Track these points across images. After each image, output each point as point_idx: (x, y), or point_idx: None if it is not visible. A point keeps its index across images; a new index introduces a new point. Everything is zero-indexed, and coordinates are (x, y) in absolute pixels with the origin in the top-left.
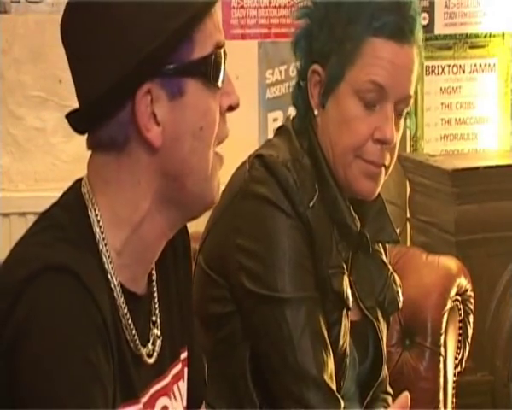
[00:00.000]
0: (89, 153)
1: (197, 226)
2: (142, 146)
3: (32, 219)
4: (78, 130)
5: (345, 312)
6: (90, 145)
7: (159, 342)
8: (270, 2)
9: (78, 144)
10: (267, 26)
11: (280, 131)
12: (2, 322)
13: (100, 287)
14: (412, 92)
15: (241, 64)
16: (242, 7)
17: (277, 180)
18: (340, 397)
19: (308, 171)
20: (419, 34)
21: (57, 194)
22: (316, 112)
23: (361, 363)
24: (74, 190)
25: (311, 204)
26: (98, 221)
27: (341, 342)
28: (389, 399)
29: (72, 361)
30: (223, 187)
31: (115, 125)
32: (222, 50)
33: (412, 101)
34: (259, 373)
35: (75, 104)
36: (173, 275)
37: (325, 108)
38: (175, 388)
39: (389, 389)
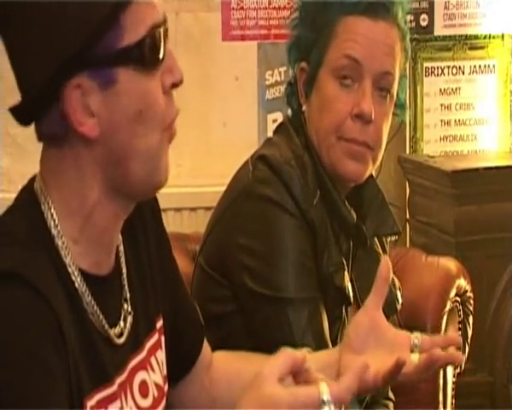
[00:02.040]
0: None
1: (197, 227)
2: (79, 139)
3: None
4: (21, 122)
5: (345, 308)
6: (37, 137)
7: (130, 318)
8: (269, 4)
9: None
10: (267, 28)
11: (279, 128)
12: None
13: (52, 285)
14: (393, 71)
15: (240, 65)
16: (242, 8)
17: (282, 180)
18: None
19: (309, 168)
20: (399, 13)
21: None
22: (304, 107)
23: None
24: (27, 189)
25: (314, 202)
26: (51, 215)
27: (341, 339)
28: (390, 404)
29: (25, 365)
30: (218, 188)
31: (51, 119)
32: (160, 30)
33: (412, 102)
34: None
35: None
36: (143, 244)
37: (309, 100)
38: (152, 359)
39: (391, 395)
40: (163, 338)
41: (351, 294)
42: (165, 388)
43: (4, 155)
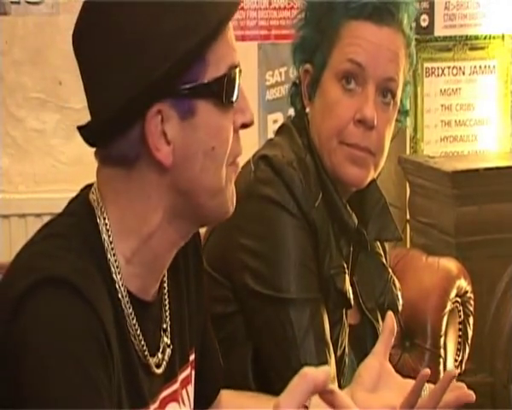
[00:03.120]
0: (88, 154)
1: None
2: (152, 164)
3: (31, 220)
4: (90, 143)
5: (345, 311)
6: (100, 158)
7: (168, 350)
8: (270, 4)
9: (78, 146)
10: (267, 28)
11: (281, 129)
12: (3, 334)
13: (103, 299)
14: (397, 78)
15: (240, 65)
16: (242, 8)
17: (283, 180)
18: None
19: (312, 170)
20: (404, 19)
21: (57, 195)
22: (307, 109)
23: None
24: (82, 198)
25: (316, 204)
26: (107, 230)
27: (341, 342)
28: None
29: (70, 375)
30: None
31: (125, 143)
32: (237, 70)
33: (412, 102)
34: (261, 373)
35: (75, 105)
36: (183, 277)
37: (313, 102)
38: (184, 392)
39: None
40: (193, 373)
41: (351, 297)
42: None
43: (4, 155)
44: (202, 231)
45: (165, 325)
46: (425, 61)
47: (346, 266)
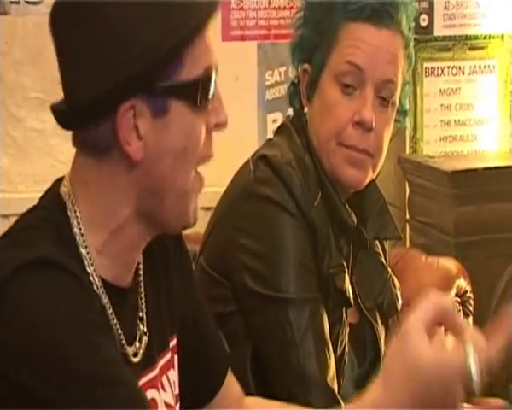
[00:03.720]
0: None
1: (197, 227)
2: (122, 157)
3: None
4: (65, 126)
5: (345, 310)
6: (74, 143)
7: (145, 338)
8: (269, 4)
9: None
10: (266, 28)
11: (280, 129)
12: None
13: (84, 276)
14: (396, 80)
15: (240, 65)
16: (242, 8)
17: (282, 180)
18: (340, 400)
19: (311, 170)
20: (403, 21)
21: None
22: (305, 109)
23: (360, 366)
24: (53, 191)
25: (315, 203)
26: (78, 223)
27: (340, 341)
28: None
29: (86, 349)
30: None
31: (98, 131)
32: (213, 71)
33: (412, 102)
34: (261, 373)
35: None
36: (161, 266)
37: (311, 103)
38: (164, 378)
39: None
40: (176, 357)
41: (351, 296)
42: (177, 407)
43: (4, 155)
44: (202, 231)
45: (141, 314)
46: (424, 61)
47: (345, 265)
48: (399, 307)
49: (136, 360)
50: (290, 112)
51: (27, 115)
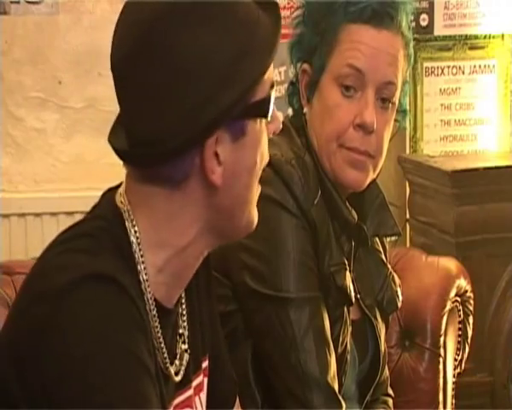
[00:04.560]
0: (88, 154)
1: None
2: (201, 185)
3: (31, 219)
4: (127, 162)
5: (346, 308)
6: (137, 175)
7: (186, 356)
8: None
9: (78, 145)
10: None
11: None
12: (44, 327)
13: (138, 298)
14: (396, 81)
15: None
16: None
17: (283, 179)
18: (341, 399)
19: (310, 169)
20: (403, 22)
21: (57, 195)
22: (305, 110)
23: (360, 362)
24: (108, 202)
25: (315, 202)
26: (138, 242)
27: (342, 339)
28: (390, 401)
29: (123, 361)
30: None
31: (178, 165)
32: (274, 88)
33: (412, 102)
34: (261, 372)
35: (74, 105)
36: (194, 285)
37: (311, 104)
38: (197, 399)
39: (390, 391)
40: (206, 380)
41: (352, 294)
42: None
43: (4, 154)
44: None
45: (181, 331)
46: (425, 61)
47: (347, 262)
48: (400, 305)
49: (177, 379)
50: (290, 111)
51: (27, 115)
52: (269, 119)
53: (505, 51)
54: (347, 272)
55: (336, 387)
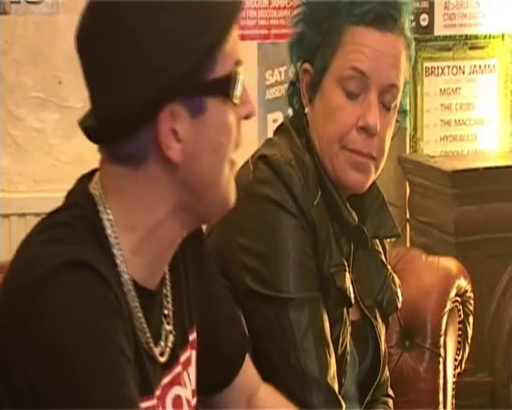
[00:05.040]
0: (88, 154)
1: None
2: (161, 162)
3: (31, 219)
4: (95, 141)
5: (346, 309)
6: (106, 155)
7: (171, 337)
8: (269, 3)
9: (78, 145)
10: (267, 27)
11: (280, 129)
12: (24, 316)
13: (115, 282)
14: (399, 83)
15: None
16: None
17: (282, 180)
18: (341, 399)
19: (310, 169)
20: (405, 24)
21: (57, 195)
22: (306, 110)
23: (360, 363)
24: (82, 189)
25: (315, 202)
26: (111, 224)
27: (342, 340)
28: (390, 401)
29: (102, 349)
30: None
31: (135, 142)
32: (241, 65)
33: (412, 102)
34: (261, 372)
35: (75, 104)
36: (181, 261)
37: (313, 104)
38: (185, 375)
39: (390, 392)
40: (194, 353)
41: (352, 295)
42: (193, 402)
43: (4, 154)
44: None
45: (166, 311)
46: (425, 61)
47: (346, 263)
48: (399, 305)
49: (163, 359)
50: (290, 111)
51: (27, 115)
52: (235, 100)
53: (505, 51)
54: (347, 274)
55: (336, 387)
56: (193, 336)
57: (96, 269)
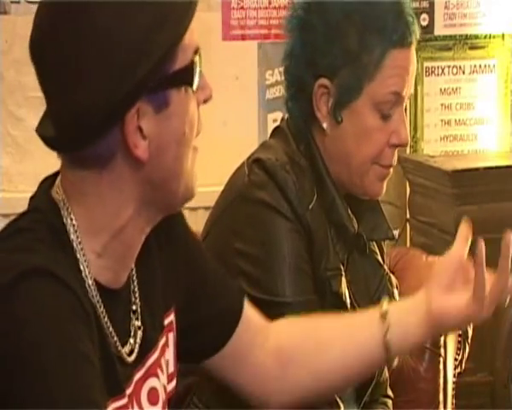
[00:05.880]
0: None
1: (197, 227)
2: (127, 161)
3: None
4: (64, 149)
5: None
6: (67, 161)
7: (140, 333)
8: (269, 3)
9: None
10: (267, 27)
11: (276, 132)
12: None
13: (78, 286)
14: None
15: (240, 65)
16: (242, 8)
17: (277, 184)
18: (339, 400)
19: (306, 173)
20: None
21: None
22: (325, 125)
23: None
24: (44, 194)
25: (310, 206)
26: (75, 229)
27: None
28: (389, 402)
29: (66, 355)
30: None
31: (100, 146)
32: (198, 52)
33: (412, 102)
34: None
35: None
36: (154, 242)
37: (338, 121)
38: (162, 360)
39: (389, 392)
40: (171, 335)
41: (348, 300)
42: (169, 387)
43: (4, 154)
44: (201, 230)
45: (134, 307)
46: (425, 61)
47: (342, 267)
48: None
49: (131, 358)
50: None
51: (28, 115)
52: (194, 87)
53: (505, 51)
54: (343, 278)
55: None
56: (169, 319)
57: (57, 276)
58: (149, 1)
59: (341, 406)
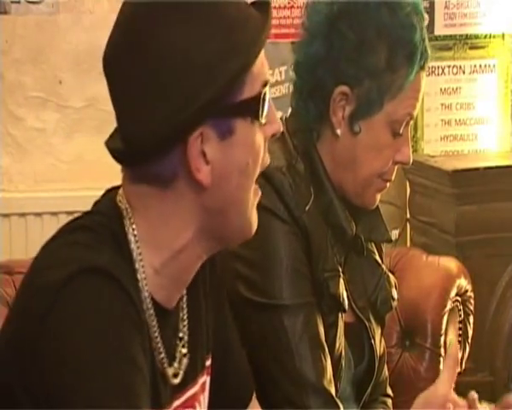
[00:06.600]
0: (88, 153)
1: None
2: (189, 184)
3: (31, 219)
4: (121, 162)
5: (340, 314)
6: (131, 175)
7: (185, 360)
8: None
9: (78, 145)
10: None
11: None
12: (39, 321)
13: (135, 293)
14: None
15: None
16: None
17: (273, 187)
18: (339, 402)
19: (302, 175)
20: None
21: (57, 194)
22: (338, 131)
23: (357, 364)
24: (109, 200)
25: (306, 208)
26: (136, 241)
27: (337, 345)
28: (389, 401)
29: (115, 361)
30: None
31: (164, 164)
32: (268, 85)
33: None
34: (258, 381)
35: (75, 104)
36: (202, 287)
37: (355, 131)
38: (201, 398)
39: (389, 391)
40: (208, 379)
41: (346, 301)
42: None
43: (4, 154)
44: None
45: (181, 334)
46: None
47: (340, 269)
48: (394, 305)
49: (176, 381)
50: (290, 111)
51: (27, 114)
52: (262, 120)
53: (505, 51)
54: (341, 280)
55: (333, 391)
56: (208, 363)
57: (116, 279)
58: (220, 29)
59: (341, 408)
